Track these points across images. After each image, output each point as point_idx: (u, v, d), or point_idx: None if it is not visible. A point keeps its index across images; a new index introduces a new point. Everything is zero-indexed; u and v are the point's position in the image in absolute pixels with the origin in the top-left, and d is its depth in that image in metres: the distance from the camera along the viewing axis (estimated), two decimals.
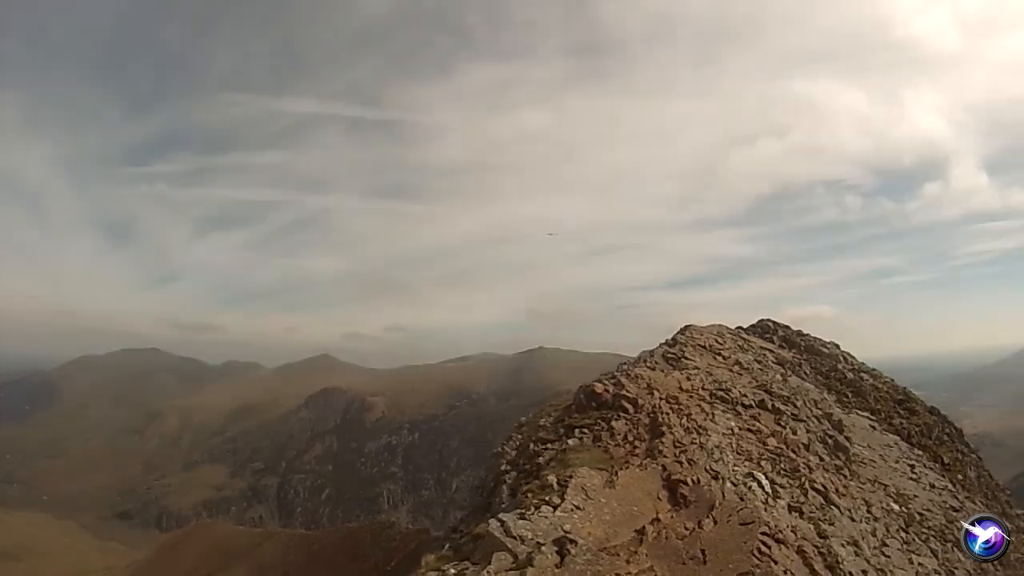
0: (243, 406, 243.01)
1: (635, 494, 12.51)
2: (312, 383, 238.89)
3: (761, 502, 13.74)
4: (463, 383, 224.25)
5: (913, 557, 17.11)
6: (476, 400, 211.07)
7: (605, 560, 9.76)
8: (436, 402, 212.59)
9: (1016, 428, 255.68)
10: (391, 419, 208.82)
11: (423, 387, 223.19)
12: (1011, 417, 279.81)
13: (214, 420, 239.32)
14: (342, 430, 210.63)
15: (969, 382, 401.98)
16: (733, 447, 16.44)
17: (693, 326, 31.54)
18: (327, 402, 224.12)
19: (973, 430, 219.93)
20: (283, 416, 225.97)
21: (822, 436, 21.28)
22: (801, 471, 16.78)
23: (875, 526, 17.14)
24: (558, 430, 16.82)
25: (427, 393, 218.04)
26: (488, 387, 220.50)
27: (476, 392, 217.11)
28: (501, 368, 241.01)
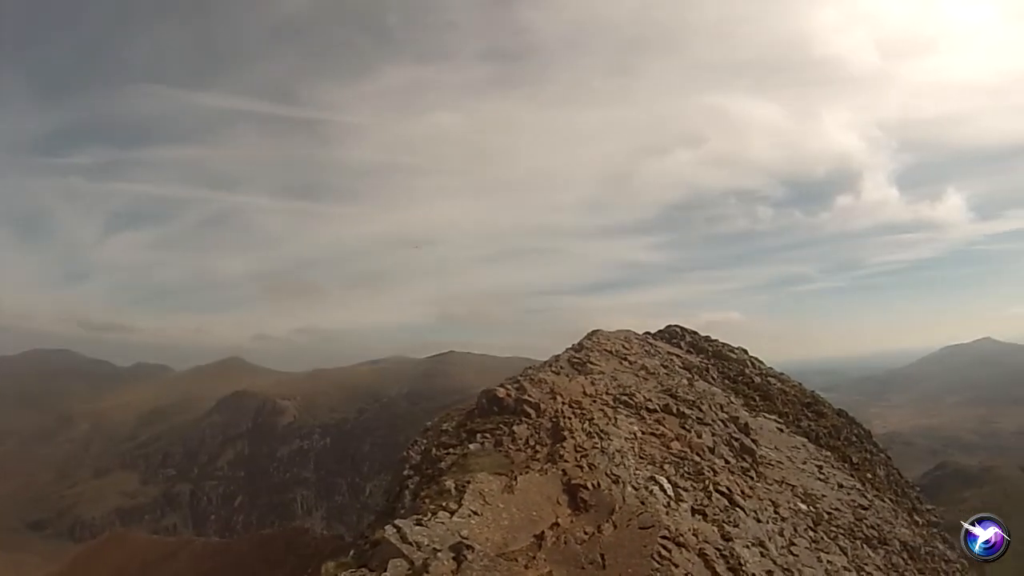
0: (154, 410, 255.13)
1: (535, 499, 13.05)
2: (222, 386, 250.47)
3: (663, 505, 14.63)
4: (374, 386, 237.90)
5: (822, 555, 18.56)
6: (387, 403, 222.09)
7: (503, 566, 10.19)
8: (347, 406, 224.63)
9: (924, 427, 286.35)
10: (302, 423, 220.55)
11: (334, 390, 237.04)
12: (920, 417, 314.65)
13: (125, 425, 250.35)
14: (253, 435, 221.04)
15: (879, 384, 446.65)
16: (635, 451, 17.44)
17: (600, 331, 33.33)
18: (238, 406, 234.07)
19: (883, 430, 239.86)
20: (194, 420, 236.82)
21: (728, 439, 22.72)
22: (705, 474, 17.91)
23: (783, 526, 18.48)
24: (460, 435, 17.52)
25: (338, 397, 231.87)
26: (399, 390, 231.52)
27: (387, 395, 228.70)
28: (412, 371, 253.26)
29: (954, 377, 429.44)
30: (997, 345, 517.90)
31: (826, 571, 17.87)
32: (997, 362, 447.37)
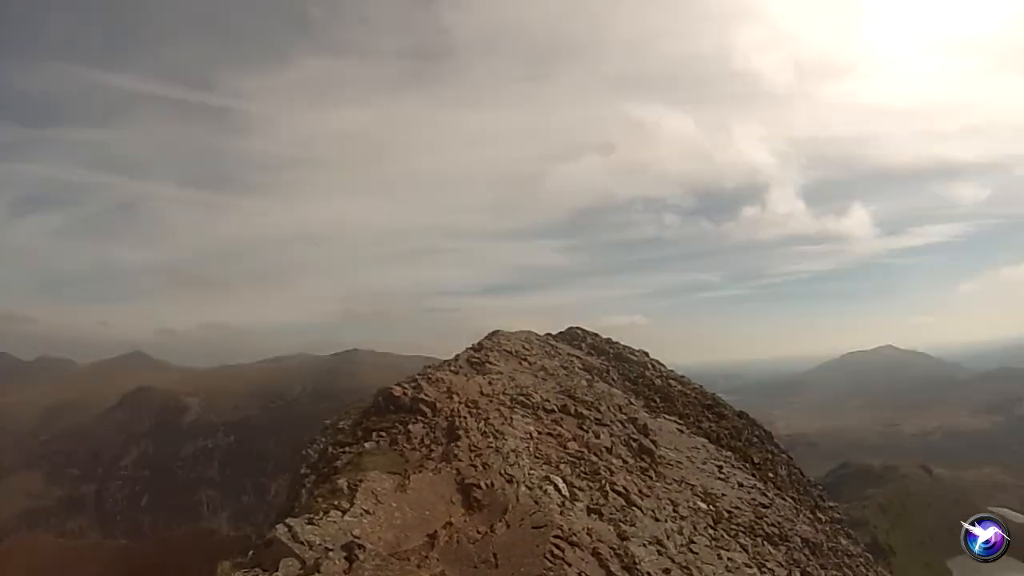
0: (56, 406, 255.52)
1: (428, 498, 13.42)
2: (126, 382, 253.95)
3: (557, 505, 15.09)
4: (278, 384, 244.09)
5: (722, 553, 19.37)
6: (291, 401, 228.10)
7: (395, 565, 10.40)
8: (251, 403, 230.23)
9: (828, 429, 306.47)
10: (206, 421, 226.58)
11: (238, 387, 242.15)
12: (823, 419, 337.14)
13: (28, 421, 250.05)
14: (158, 432, 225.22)
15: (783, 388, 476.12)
16: (531, 451, 17.98)
17: (501, 332, 34.37)
18: (142, 402, 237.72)
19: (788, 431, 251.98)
20: (98, 417, 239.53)
21: (626, 440, 23.48)
22: (602, 474, 18.50)
23: (682, 524, 19.22)
24: (356, 433, 17.85)
25: (242, 394, 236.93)
26: (303, 388, 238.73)
27: (291, 393, 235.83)
28: (316, 369, 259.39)
29: (856, 382, 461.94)
30: (898, 352, 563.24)
31: (727, 568, 18.63)
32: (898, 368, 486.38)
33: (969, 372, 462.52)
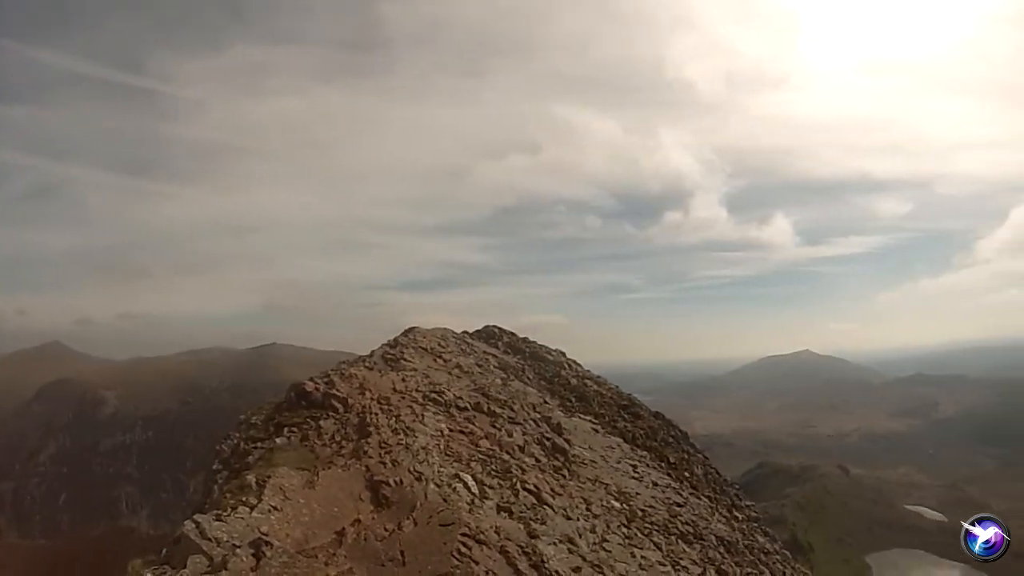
0: None
1: (336, 495, 13.66)
2: (43, 373, 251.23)
3: (466, 503, 15.37)
4: (197, 377, 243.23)
5: (635, 551, 19.88)
6: (210, 395, 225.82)
7: (302, 562, 10.58)
8: (170, 397, 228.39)
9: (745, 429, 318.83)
10: (125, 415, 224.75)
11: (156, 381, 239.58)
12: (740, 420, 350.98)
13: None
14: (75, 427, 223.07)
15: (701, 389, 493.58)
16: (441, 448, 18.30)
17: (417, 328, 34.96)
18: (59, 395, 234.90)
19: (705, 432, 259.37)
20: (14, 410, 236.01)
21: (539, 438, 23.88)
22: (513, 472, 18.85)
23: (595, 523, 19.67)
24: (268, 428, 18.02)
25: (161, 387, 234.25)
26: (222, 382, 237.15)
27: (210, 387, 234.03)
28: (235, 362, 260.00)
29: (774, 384, 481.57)
30: (815, 357, 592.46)
31: (640, 566, 19.13)
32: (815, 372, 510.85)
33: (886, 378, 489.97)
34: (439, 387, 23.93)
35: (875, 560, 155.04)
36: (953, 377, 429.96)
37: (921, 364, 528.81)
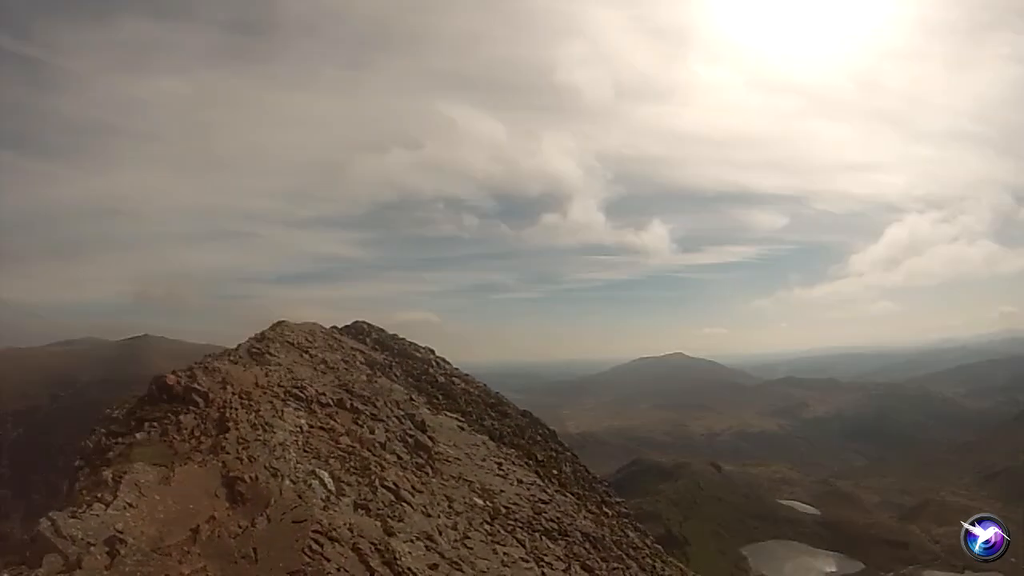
0: None
1: (192, 491, 13.61)
2: None
3: (321, 500, 15.61)
4: (67, 370, 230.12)
5: (498, 548, 20.38)
6: (80, 389, 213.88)
7: (156, 560, 10.67)
8: (40, 391, 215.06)
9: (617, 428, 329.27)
10: None
11: (25, 374, 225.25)
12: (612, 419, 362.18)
13: None
14: None
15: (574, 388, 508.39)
16: (300, 445, 18.41)
17: (286, 322, 34.85)
18: None
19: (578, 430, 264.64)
20: None
21: (402, 435, 24.27)
22: (372, 469, 19.15)
23: (457, 520, 20.10)
24: (129, 423, 17.60)
25: (29, 381, 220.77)
26: (93, 375, 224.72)
27: (80, 381, 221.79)
28: (106, 355, 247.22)
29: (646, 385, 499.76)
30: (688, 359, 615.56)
31: (503, 562, 19.57)
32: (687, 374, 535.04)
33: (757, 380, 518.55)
34: (302, 382, 23.94)
35: (751, 551, 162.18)
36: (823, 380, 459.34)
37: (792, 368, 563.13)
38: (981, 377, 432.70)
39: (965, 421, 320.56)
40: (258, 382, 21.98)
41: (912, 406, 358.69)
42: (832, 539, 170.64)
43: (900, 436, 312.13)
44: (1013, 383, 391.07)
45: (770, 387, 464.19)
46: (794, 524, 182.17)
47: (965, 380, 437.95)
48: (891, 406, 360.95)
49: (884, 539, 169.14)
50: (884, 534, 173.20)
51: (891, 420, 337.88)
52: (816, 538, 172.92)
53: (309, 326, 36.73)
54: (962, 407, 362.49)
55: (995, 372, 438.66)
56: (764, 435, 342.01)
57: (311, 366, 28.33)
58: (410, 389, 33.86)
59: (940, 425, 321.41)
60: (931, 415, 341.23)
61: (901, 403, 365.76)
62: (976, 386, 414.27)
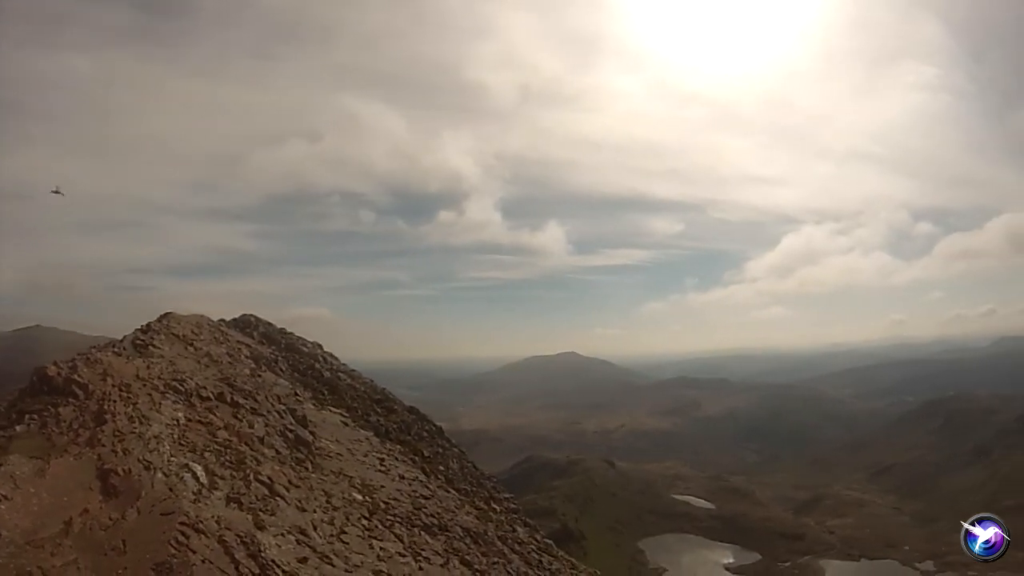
0: None
1: (67, 484, 14.10)
2: None
3: (192, 493, 16.18)
4: None
5: (375, 542, 21.08)
6: None
7: (29, 553, 11.18)
8: None
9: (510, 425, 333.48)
10: None
11: None
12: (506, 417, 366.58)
13: None
14: None
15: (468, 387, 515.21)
16: (176, 438, 18.86)
17: (173, 314, 34.64)
18: None
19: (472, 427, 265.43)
20: None
21: (282, 430, 24.71)
22: (248, 463, 19.68)
23: (334, 515, 20.74)
24: (11, 415, 17.79)
25: None
26: None
27: None
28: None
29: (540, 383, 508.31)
30: (580, 359, 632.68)
31: (379, 557, 20.27)
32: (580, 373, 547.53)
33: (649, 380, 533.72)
34: (183, 375, 24.19)
35: (647, 545, 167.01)
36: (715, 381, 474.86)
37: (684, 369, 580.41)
38: (870, 380, 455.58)
39: (855, 421, 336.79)
40: (139, 374, 22.18)
41: (803, 406, 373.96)
42: (728, 532, 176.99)
43: (792, 435, 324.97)
44: (901, 385, 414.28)
45: (663, 387, 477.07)
46: (690, 518, 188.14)
47: (854, 382, 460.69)
48: (782, 406, 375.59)
49: (779, 531, 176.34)
50: (779, 527, 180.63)
51: (783, 419, 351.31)
52: (712, 531, 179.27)
53: (196, 318, 36.45)
54: (852, 407, 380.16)
55: (884, 375, 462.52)
56: (657, 433, 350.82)
57: (195, 359, 28.42)
58: (295, 384, 34.14)
59: (831, 424, 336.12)
60: (822, 415, 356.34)
61: (792, 403, 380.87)
62: (865, 388, 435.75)
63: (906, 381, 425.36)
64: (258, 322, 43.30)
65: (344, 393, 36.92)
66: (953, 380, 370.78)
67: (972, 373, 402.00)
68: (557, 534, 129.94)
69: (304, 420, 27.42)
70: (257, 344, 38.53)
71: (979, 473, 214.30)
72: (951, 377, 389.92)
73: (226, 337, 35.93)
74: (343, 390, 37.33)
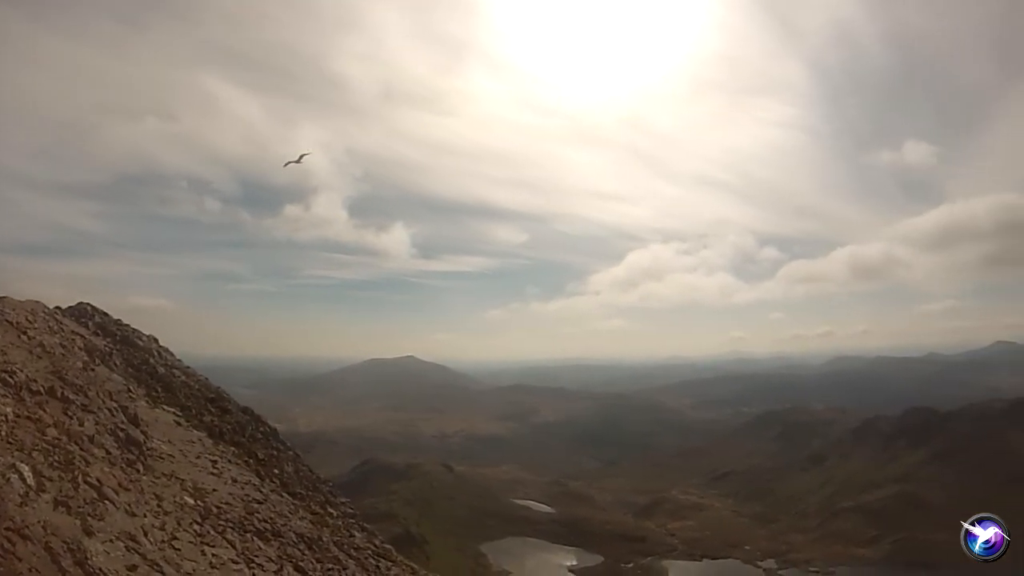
0: None
1: None
2: None
3: (19, 495, 15.56)
4: None
5: (207, 548, 21.00)
6: None
7: None
8: None
9: (348, 428, 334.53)
10: None
11: None
12: (343, 419, 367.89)
13: None
14: None
15: (306, 387, 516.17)
16: (3, 435, 18.07)
17: (7, 299, 33.15)
18: None
19: (309, 429, 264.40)
20: None
21: (114, 429, 24.10)
22: (77, 464, 19.11)
23: (165, 520, 20.50)
24: None
25: None
26: None
27: None
28: None
29: (378, 386, 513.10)
30: (419, 363, 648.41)
31: (211, 564, 20.28)
32: (419, 377, 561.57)
33: (488, 385, 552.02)
34: (13, 367, 23.08)
35: (489, 548, 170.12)
36: (553, 388, 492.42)
37: (522, 375, 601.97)
38: (708, 391, 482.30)
39: (692, 430, 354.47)
40: None
41: (641, 415, 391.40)
42: (569, 535, 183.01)
43: (630, 442, 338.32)
44: (738, 397, 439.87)
45: (501, 393, 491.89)
46: (530, 522, 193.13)
47: (692, 393, 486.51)
48: (620, 415, 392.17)
49: (621, 534, 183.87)
50: (621, 529, 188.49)
51: (620, 427, 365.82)
52: (553, 535, 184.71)
53: (31, 304, 34.67)
54: (690, 417, 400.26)
55: (722, 387, 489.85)
56: (494, 438, 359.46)
57: (27, 348, 27.11)
58: (129, 380, 33.15)
59: (669, 432, 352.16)
60: (660, 424, 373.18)
61: (630, 412, 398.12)
62: (703, 399, 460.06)
63: (744, 393, 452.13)
64: (94, 311, 41.62)
65: (178, 391, 36.12)
66: (789, 394, 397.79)
67: (808, 388, 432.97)
68: (399, 539, 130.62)
69: (136, 419, 26.69)
70: (92, 335, 36.95)
71: (816, 478, 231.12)
72: (788, 391, 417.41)
73: (61, 326, 34.27)
74: (177, 388, 36.51)
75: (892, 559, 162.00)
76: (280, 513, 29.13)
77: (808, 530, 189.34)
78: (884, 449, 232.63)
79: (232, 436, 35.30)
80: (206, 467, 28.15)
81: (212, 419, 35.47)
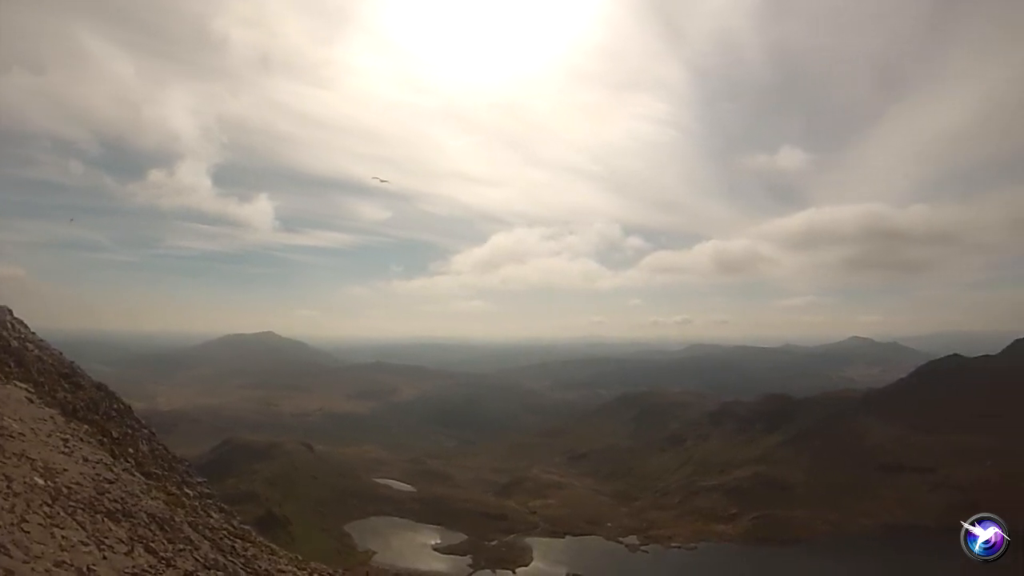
0: None
1: None
2: None
3: None
4: None
5: (56, 531, 20.40)
6: None
7: None
8: None
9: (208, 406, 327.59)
10: None
11: None
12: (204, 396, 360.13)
13: None
14: None
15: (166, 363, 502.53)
16: None
17: None
18: None
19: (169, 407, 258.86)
20: None
21: None
22: None
23: (15, 502, 19.79)
24: None
25: None
26: None
27: None
28: None
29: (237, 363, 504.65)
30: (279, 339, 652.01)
31: (60, 547, 19.76)
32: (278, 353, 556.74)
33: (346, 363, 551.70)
34: None
35: (354, 528, 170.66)
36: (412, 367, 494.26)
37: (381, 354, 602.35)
38: (566, 373, 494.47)
39: (550, 410, 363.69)
40: None
41: (499, 395, 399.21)
42: (431, 514, 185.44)
43: (488, 421, 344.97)
44: (595, 380, 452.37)
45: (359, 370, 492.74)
46: (392, 501, 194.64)
47: (551, 375, 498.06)
48: (478, 394, 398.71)
49: (482, 512, 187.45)
50: (482, 508, 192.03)
51: (479, 407, 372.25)
52: (415, 513, 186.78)
53: None
54: (548, 398, 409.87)
55: (579, 370, 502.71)
56: (353, 417, 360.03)
57: None
58: None
59: (527, 413, 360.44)
60: (518, 404, 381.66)
61: (488, 392, 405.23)
62: (561, 381, 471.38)
63: (601, 376, 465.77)
64: None
65: (31, 366, 34.80)
66: (646, 378, 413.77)
67: (665, 373, 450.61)
68: (262, 520, 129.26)
69: None
70: None
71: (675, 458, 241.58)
72: (645, 376, 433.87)
73: None
74: (30, 362, 35.15)
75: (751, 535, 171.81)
76: (132, 493, 28.43)
77: (669, 508, 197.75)
78: (741, 432, 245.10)
79: (85, 414, 34.27)
80: (57, 446, 27.31)
81: (65, 395, 34.40)
